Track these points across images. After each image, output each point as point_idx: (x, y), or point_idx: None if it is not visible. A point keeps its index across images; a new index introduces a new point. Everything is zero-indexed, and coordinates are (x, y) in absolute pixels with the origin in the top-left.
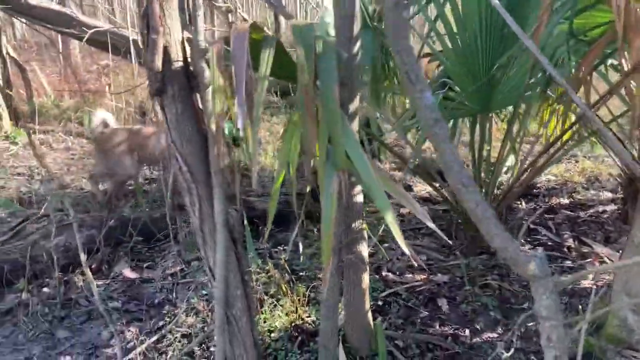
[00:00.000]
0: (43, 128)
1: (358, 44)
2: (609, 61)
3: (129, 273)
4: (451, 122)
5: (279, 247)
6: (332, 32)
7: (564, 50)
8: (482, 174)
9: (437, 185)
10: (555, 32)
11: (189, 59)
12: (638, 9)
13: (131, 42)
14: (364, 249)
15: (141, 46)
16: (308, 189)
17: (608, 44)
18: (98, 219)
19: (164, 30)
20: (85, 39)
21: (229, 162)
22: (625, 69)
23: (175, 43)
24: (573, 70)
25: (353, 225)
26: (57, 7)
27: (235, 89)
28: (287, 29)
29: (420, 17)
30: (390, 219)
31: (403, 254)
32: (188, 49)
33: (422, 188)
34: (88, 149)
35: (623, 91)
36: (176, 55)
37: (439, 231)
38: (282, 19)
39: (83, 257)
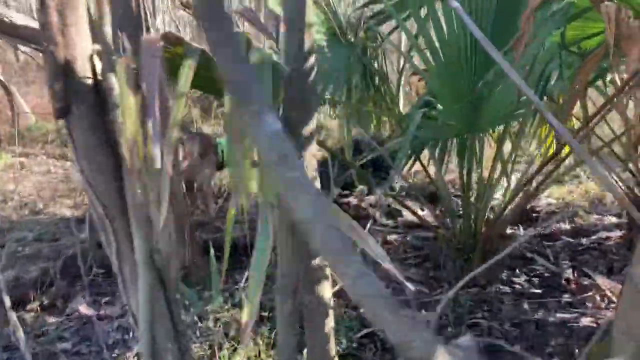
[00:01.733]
0: (24, 151)
1: (312, 59)
2: (609, 76)
3: (84, 309)
4: (438, 143)
5: (244, 284)
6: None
7: (558, 64)
8: (473, 200)
9: (425, 209)
10: (547, 44)
11: (99, 75)
12: (631, 18)
13: None
14: (326, 289)
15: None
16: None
17: (604, 57)
18: (56, 249)
19: (66, 42)
20: None
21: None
22: (619, 83)
23: (82, 57)
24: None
25: (313, 262)
26: None
27: (147, 109)
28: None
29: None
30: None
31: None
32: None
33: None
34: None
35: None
36: (83, 70)
37: (405, 281)
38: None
39: (7, 300)
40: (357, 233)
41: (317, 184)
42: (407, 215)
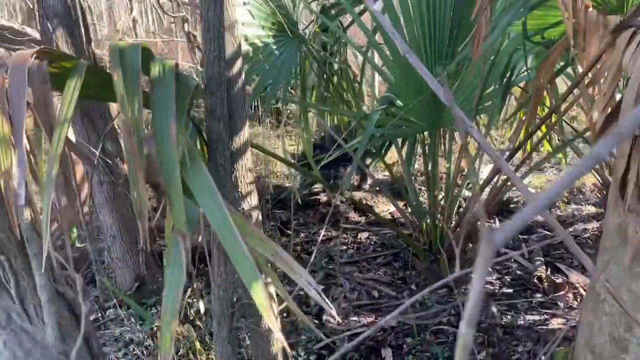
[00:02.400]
0: None
1: (238, 62)
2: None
3: None
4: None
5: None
6: None
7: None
8: (440, 197)
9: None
10: (513, 35)
11: None
12: (590, 8)
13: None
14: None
15: None
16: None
17: (568, 48)
18: None
19: None
20: None
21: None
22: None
23: None
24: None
25: None
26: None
27: (14, 138)
28: None
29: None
30: (258, 296)
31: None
32: None
33: (384, 209)
34: None
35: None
36: None
37: (326, 305)
38: None
39: None
40: (284, 261)
41: (254, 199)
42: (379, 213)
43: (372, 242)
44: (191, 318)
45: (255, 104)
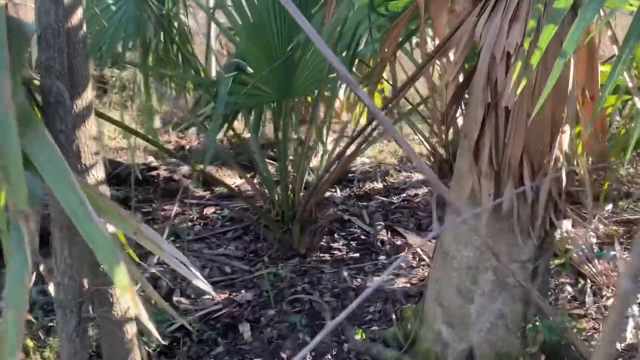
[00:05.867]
0: None
1: (79, 11)
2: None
3: None
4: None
5: None
6: None
7: (367, 25)
8: (290, 168)
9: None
10: (357, 5)
11: None
12: None
13: None
14: (123, 295)
15: None
16: None
17: (412, 20)
18: None
19: None
20: None
21: None
22: (430, 48)
23: None
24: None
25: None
26: None
27: None
28: None
29: None
30: (120, 279)
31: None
32: None
33: (230, 182)
34: None
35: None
36: None
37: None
38: None
39: None
40: (148, 238)
41: (101, 172)
42: (224, 186)
43: (220, 217)
44: None
45: None
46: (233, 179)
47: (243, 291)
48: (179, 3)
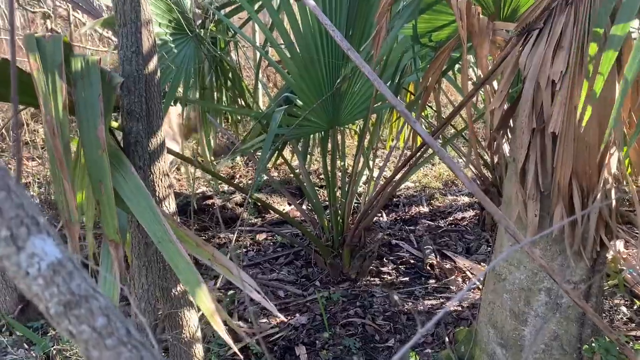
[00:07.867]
0: None
1: (154, 59)
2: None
3: None
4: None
5: None
6: None
7: (411, 55)
8: (338, 194)
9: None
10: (400, 37)
11: None
12: (481, 13)
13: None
14: (192, 319)
15: None
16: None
17: (455, 48)
18: None
19: None
20: None
21: None
22: (474, 77)
23: None
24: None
25: (174, 290)
26: None
27: None
28: None
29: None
30: (203, 300)
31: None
32: None
33: (279, 209)
34: None
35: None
36: None
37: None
38: None
39: None
40: (222, 264)
41: (172, 204)
42: (274, 212)
43: (272, 243)
44: None
45: None
46: (282, 206)
47: (297, 315)
48: (230, 42)
